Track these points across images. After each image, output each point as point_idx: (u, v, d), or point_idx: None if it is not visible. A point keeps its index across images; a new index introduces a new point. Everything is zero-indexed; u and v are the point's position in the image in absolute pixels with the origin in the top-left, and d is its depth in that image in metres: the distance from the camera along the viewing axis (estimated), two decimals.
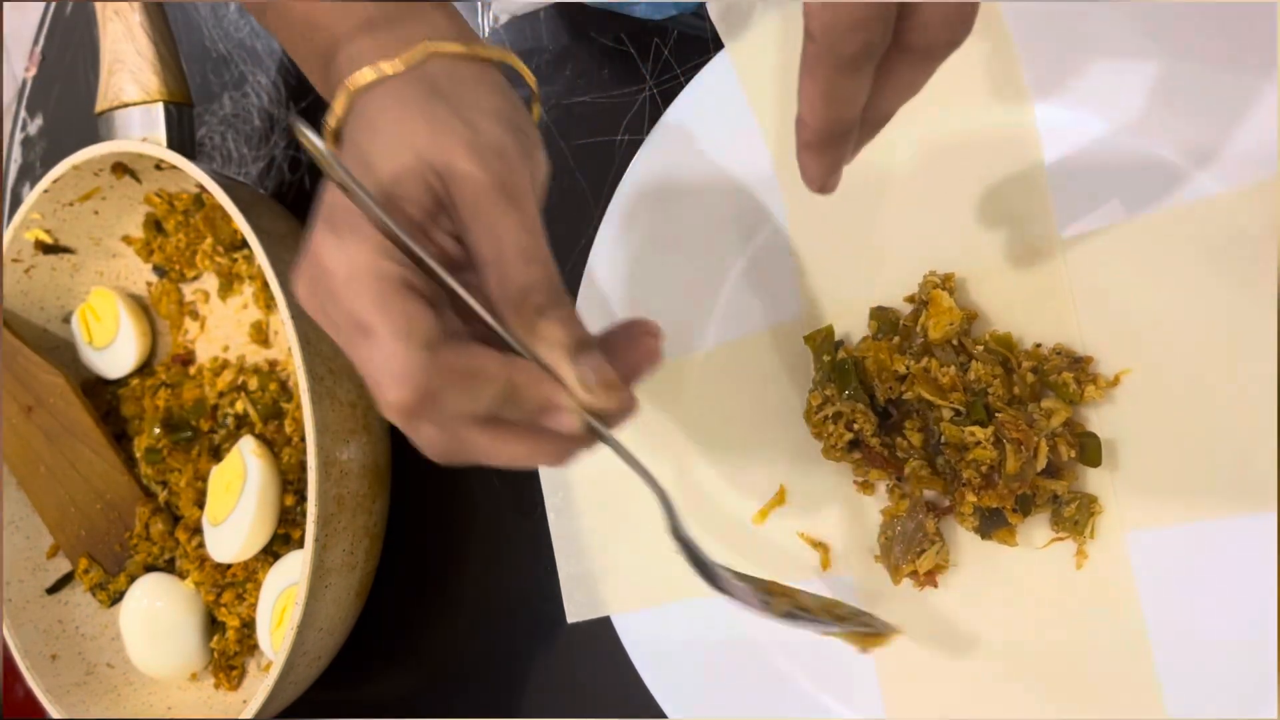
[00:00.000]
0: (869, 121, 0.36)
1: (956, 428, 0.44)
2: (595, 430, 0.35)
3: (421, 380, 0.32)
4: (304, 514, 0.53)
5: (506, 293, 0.35)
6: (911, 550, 0.45)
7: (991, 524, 0.44)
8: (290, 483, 0.60)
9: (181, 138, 0.63)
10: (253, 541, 0.59)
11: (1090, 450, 0.43)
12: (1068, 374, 0.43)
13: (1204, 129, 0.41)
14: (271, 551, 0.62)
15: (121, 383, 0.69)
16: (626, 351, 0.37)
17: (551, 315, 0.35)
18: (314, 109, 0.68)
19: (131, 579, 0.67)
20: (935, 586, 0.46)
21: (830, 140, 0.35)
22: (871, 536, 0.48)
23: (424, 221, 0.36)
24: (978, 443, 0.43)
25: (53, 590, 0.68)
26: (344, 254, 0.34)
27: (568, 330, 0.35)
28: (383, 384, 0.33)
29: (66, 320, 0.70)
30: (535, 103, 0.44)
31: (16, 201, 0.87)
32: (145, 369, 0.69)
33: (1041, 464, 0.42)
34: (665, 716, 0.51)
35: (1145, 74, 0.42)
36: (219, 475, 0.61)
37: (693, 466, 0.52)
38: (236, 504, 0.59)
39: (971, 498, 0.43)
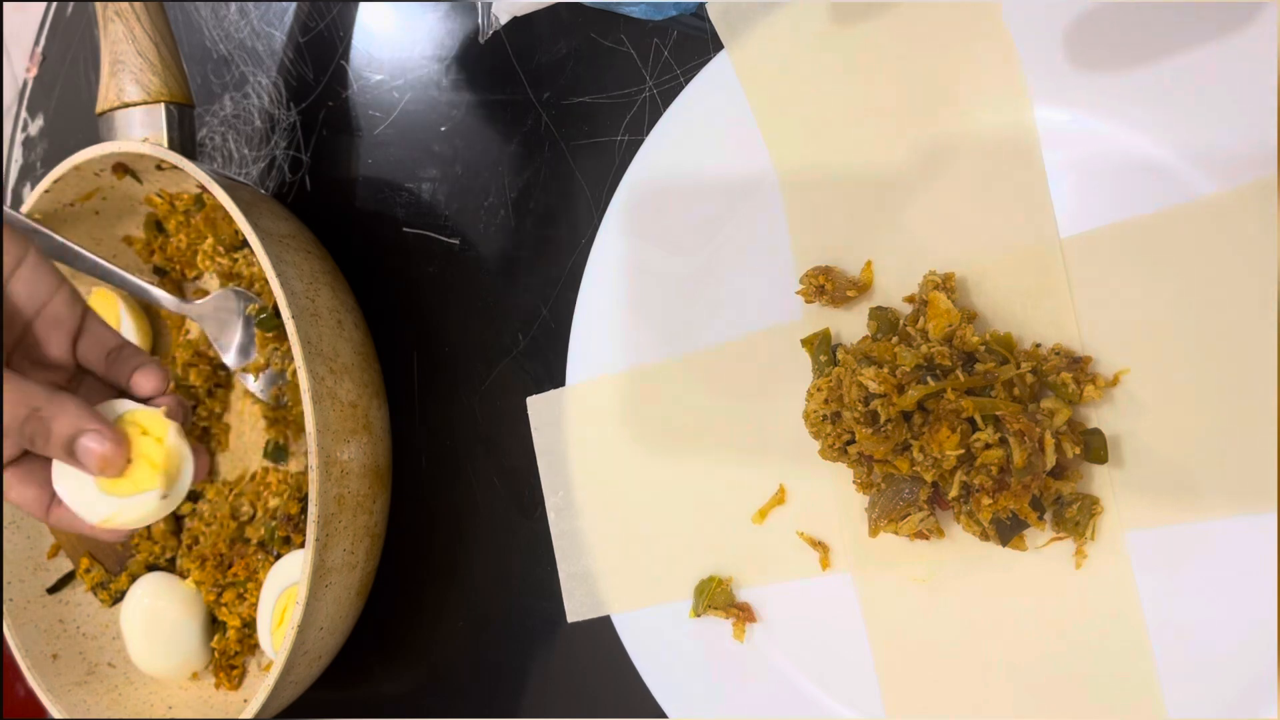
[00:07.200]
0: None
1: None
2: None
3: None
4: (305, 514, 0.53)
5: None
6: (894, 511, 0.45)
7: (1012, 530, 0.44)
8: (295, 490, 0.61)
9: (182, 138, 0.63)
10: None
11: (1096, 447, 0.43)
12: (1067, 374, 0.43)
13: (1204, 129, 0.41)
14: (272, 551, 0.62)
15: None
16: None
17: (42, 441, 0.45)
18: (313, 109, 0.68)
19: (133, 578, 0.67)
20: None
21: None
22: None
23: None
24: (984, 446, 0.43)
25: (53, 590, 0.68)
26: None
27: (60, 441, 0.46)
28: None
29: None
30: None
31: (17, 201, 0.87)
32: None
33: (1050, 461, 0.42)
34: (665, 716, 0.51)
35: (1144, 74, 0.42)
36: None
37: (693, 466, 0.52)
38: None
39: (988, 501, 0.43)
